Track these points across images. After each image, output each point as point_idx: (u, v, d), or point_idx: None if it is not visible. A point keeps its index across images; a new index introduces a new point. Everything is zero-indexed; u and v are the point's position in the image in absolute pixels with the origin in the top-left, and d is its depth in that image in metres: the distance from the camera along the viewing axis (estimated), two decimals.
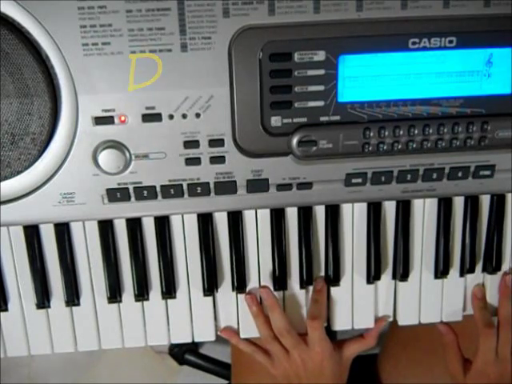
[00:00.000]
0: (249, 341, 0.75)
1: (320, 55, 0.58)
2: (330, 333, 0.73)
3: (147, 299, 0.70)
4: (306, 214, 0.69)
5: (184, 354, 1.32)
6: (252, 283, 0.71)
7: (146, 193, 0.62)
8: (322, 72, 0.59)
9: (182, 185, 0.62)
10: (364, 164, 0.64)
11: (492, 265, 0.73)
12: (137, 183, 0.62)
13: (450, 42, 0.59)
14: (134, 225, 0.67)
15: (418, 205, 0.70)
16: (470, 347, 0.74)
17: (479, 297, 0.73)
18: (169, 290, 0.69)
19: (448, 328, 0.75)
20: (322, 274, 0.72)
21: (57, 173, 0.60)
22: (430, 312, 0.74)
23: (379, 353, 0.97)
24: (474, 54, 0.60)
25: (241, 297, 0.71)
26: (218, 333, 0.73)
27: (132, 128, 0.59)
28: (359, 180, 0.64)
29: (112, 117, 0.58)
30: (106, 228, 0.67)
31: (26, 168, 0.59)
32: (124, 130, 0.59)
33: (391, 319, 0.75)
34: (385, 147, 0.62)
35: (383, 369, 0.94)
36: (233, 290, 0.71)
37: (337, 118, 0.61)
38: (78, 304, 0.69)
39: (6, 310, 0.69)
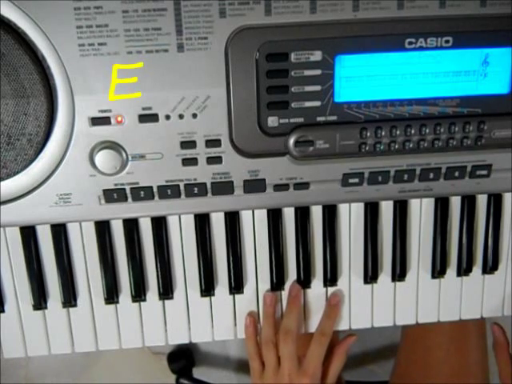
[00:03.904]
0: (256, 344, 0.72)
1: (316, 55, 0.58)
2: None
3: (144, 300, 0.70)
4: (303, 214, 0.69)
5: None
6: (249, 284, 0.71)
7: (142, 193, 0.62)
8: (318, 72, 0.59)
9: (178, 185, 0.62)
10: (361, 164, 0.64)
11: (489, 264, 0.73)
12: (133, 184, 0.62)
13: (447, 41, 0.59)
14: (131, 225, 0.67)
15: (414, 205, 0.70)
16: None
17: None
18: (166, 291, 0.69)
19: (500, 331, 0.75)
20: (320, 274, 0.72)
21: (53, 173, 0.60)
22: (428, 312, 0.74)
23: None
24: (471, 54, 0.60)
25: (238, 297, 0.71)
26: (246, 317, 0.71)
27: (129, 128, 0.59)
28: (356, 180, 0.64)
29: (109, 117, 0.58)
30: (102, 229, 0.67)
31: (23, 169, 0.59)
32: (121, 131, 0.59)
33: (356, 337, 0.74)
34: (381, 147, 0.62)
35: None
36: (230, 290, 0.71)
37: (333, 118, 0.61)
38: (75, 305, 0.69)
39: (2, 311, 0.69)
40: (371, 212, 0.70)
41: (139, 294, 0.69)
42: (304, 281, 0.71)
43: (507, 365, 0.74)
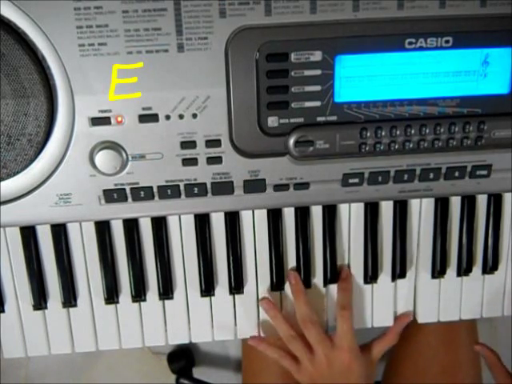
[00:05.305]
0: (276, 346, 0.72)
1: (316, 55, 0.58)
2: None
3: (144, 300, 0.70)
4: (303, 214, 0.69)
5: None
6: (249, 284, 0.71)
7: (142, 193, 0.62)
8: (318, 72, 0.59)
9: (178, 185, 0.62)
10: (361, 164, 0.64)
11: (489, 264, 0.73)
12: (134, 184, 0.62)
13: (447, 41, 0.59)
14: (131, 225, 0.67)
15: (414, 205, 0.70)
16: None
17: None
18: (166, 291, 0.69)
19: (488, 350, 0.75)
20: (320, 274, 0.72)
21: (53, 174, 0.60)
22: (428, 312, 0.74)
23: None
24: (471, 54, 0.60)
25: (238, 297, 0.71)
26: (249, 342, 0.72)
27: (129, 129, 0.59)
28: (356, 180, 0.64)
29: (109, 117, 0.58)
30: (102, 229, 0.67)
31: (23, 169, 0.59)
32: (121, 131, 0.59)
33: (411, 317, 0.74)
34: (381, 147, 0.62)
35: None
36: (230, 290, 0.71)
37: (333, 118, 0.61)
38: (75, 305, 0.69)
39: (2, 311, 0.69)
40: (371, 212, 0.70)
41: (139, 294, 0.69)
42: (304, 281, 0.71)
43: (505, 378, 0.73)
